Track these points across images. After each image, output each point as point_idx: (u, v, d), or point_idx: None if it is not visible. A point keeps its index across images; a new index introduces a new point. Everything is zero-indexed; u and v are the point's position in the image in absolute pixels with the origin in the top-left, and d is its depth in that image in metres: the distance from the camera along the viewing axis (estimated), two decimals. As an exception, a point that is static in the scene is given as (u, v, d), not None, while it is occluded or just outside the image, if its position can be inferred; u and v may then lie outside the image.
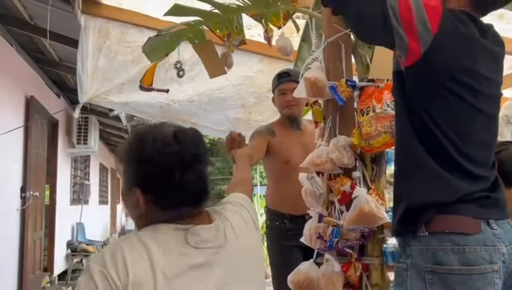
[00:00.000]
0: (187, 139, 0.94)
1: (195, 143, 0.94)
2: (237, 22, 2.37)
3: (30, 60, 4.48)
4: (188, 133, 0.96)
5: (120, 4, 3.02)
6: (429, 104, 1.13)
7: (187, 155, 0.92)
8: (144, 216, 0.95)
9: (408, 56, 1.11)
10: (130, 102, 3.27)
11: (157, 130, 0.96)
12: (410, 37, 1.09)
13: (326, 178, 1.66)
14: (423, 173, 1.14)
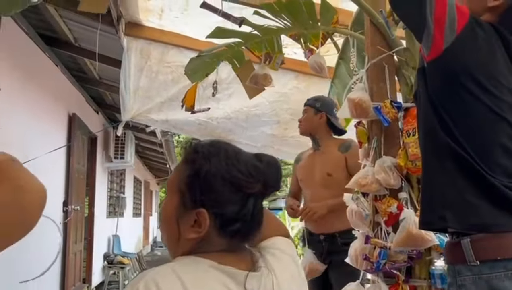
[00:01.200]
0: (274, 164, 0.86)
1: (279, 169, 0.87)
2: (276, 42, 2.42)
3: (72, 79, 4.68)
4: (272, 158, 0.88)
5: (161, 26, 3.14)
6: (447, 102, 1.16)
7: (273, 181, 0.84)
8: (193, 241, 0.82)
9: (431, 50, 1.15)
10: (170, 120, 3.37)
11: (235, 150, 0.86)
12: (437, 30, 1.13)
13: (372, 199, 1.66)
14: (458, 169, 1.13)
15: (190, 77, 2.60)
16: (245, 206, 0.82)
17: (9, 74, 3.20)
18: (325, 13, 2.04)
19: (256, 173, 0.82)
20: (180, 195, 0.84)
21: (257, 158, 0.85)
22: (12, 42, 3.19)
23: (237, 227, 0.82)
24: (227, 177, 0.81)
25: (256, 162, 0.84)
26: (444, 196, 1.14)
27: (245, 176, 0.82)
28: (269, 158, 0.87)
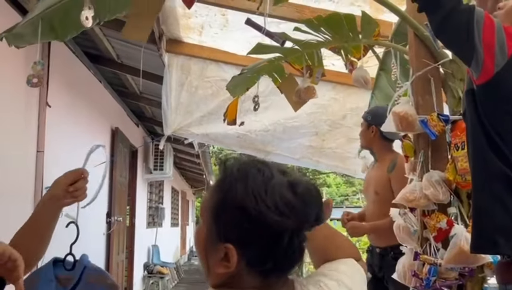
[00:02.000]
0: (312, 198, 0.73)
1: (319, 202, 0.74)
2: (316, 55, 2.43)
3: (114, 94, 4.86)
4: (310, 189, 0.74)
5: (201, 42, 3.22)
6: (498, 124, 1.15)
7: (310, 218, 0.72)
8: (223, 275, 0.74)
9: (481, 74, 1.15)
10: (210, 133, 3.43)
11: (265, 177, 0.73)
12: (487, 55, 1.13)
13: (420, 214, 1.63)
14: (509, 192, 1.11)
15: (231, 92, 2.66)
16: (277, 244, 0.70)
17: (58, 91, 3.36)
18: (366, 26, 2.04)
19: (287, 210, 0.70)
20: (207, 225, 0.75)
21: (292, 188, 0.71)
22: (60, 61, 3.35)
23: (269, 267, 0.72)
24: (253, 213, 0.70)
25: (288, 195, 0.70)
26: (495, 220, 1.13)
27: (274, 213, 0.69)
28: (306, 189, 0.73)
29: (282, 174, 0.75)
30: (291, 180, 0.73)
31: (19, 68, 2.76)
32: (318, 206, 0.74)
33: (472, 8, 1.21)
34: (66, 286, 1.33)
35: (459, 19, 1.19)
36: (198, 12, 2.73)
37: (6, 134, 2.67)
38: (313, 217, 0.73)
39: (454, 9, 1.21)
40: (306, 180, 0.77)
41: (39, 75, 1.90)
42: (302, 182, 0.75)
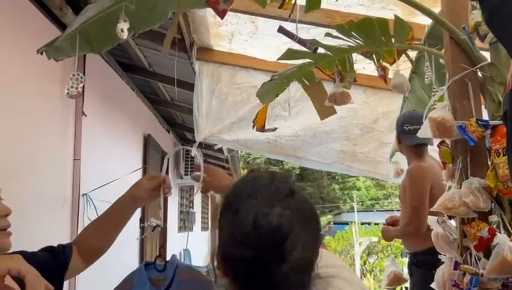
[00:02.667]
0: (270, 232, 0.71)
1: (280, 237, 0.71)
2: (348, 60, 2.40)
3: (146, 101, 4.96)
4: (273, 225, 0.71)
5: (230, 49, 3.25)
6: None
7: (266, 250, 0.71)
8: (228, 285, 0.79)
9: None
10: (240, 139, 3.45)
11: (240, 203, 0.75)
12: None
13: (459, 222, 1.59)
14: None
15: (261, 99, 2.66)
16: (247, 273, 0.73)
17: (93, 100, 3.46)
18: (399, 29, 2.01)
19: (245, 241, 0.72)
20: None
21: (255, 220, 0.71)
22: (95, 71, 3.45)
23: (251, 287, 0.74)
24: (227, 234, 0.75)
25: (249, 230, 0.71)
26: None
27: (234, 242, 0.73)
28: (268, 222, 0.71)
29: (271, 200, 0.74)
30: (260, 212, 0.72)
31: (56, 79, 2.87)
32: (277, 239, 0.71)
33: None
34: (160, 286, 1.40)
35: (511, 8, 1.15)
36: (229, 21, 2.75)
37: (44, 143, 2.77)
38: (271, 250, 0.71)
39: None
40: (273, 219, 0.73)
41: (77, 87, 1.96)
42: (270, 219, 0.72)
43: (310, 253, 0.75)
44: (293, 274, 0.72)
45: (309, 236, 0.75)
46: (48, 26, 2.74)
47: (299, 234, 0.72)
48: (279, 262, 0.71)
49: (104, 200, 3.42)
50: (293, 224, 0.72)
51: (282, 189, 0.77)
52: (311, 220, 0.78)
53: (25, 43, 2.44)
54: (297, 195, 0.78)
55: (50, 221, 2.83)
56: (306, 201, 0.80)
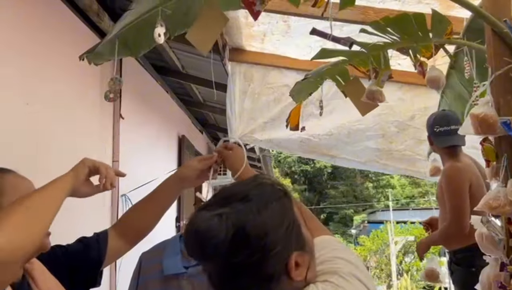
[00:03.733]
0: (187, 239, 0.76)
1: (194, 244, 0.75)
2: (383, 57, 2.36)
3: (180, 103, 5.05)
4: (190, 230, 0.75)
5: (262, 49, 3.26)
6: None
7: (190, 255, 0.80)
8: None
9: None
10: (273, 139, 3.46)
11: (195, 218, 0.77)
12: None
13: (505, 222, 1.53)
14: None
15: (294, 98, 2.66)
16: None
17: (130, 103, 3.55)
18: (437, 24, 1.95)
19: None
20: None
21: (188, 226, 0.76)
22: (131, 74, 3.54)
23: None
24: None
25: (184, 236, 0.77)
26: None
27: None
28: (188, 228, 0.76)
29: (212, 204, 0.77)
30: (191, 221, 0.75)
31: (95, 83, 2.96)
32: (188, 243, 0.75)
33: None
34: (190, 260, 1.41)
35: None
36: (261, 21, 2.76)
37: (84, 145, 2.87)
38: (192, 252, 0.76)
39: None
40: (193, 232, 0.74)
41: (115, 90, 2.02)
42: (191, 233, 0.74)
43: (247, 257, 0.71)
44: (219, 275, 0.73)
45: (248, 241, 0.71)
46: (86, 32, 2.84)
47: (226, 238, 0.70)
48: (204, 263, 0.74)
49: (141, 200, 3.53)
50: (218, 229, 0.71)
51: (236, 194, 0.76)
52: (258, 225, 0.73)
53: (64, 48, 2.54)
54: (251, 201, 0.74)
55: (91, 220, 2.93)
56: (261, 207, 0.74)
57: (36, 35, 2.28)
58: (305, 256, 0.75)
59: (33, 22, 2.26)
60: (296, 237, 0.76)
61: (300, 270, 0.74)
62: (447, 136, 2.63)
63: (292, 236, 0.75)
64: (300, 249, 0.75)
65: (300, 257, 0.74)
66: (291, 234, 0.75)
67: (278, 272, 0.72)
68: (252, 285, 0.72)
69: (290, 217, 0.76)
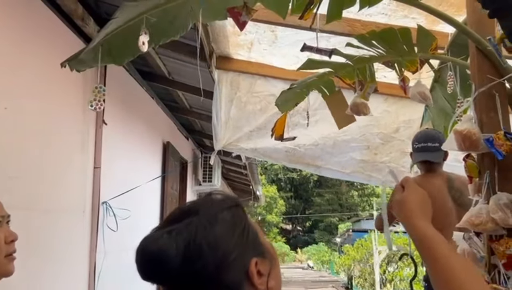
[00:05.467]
0: (136, 258, 0.72)
1: (143, 264, 0.72)
2: (369, 70, 2.37)
3: (166, 109, 5.00)
4: (138, 251, 0.72)
5: (249, 58, 3.25)
6: None
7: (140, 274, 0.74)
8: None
9: None
10: (259, 148, 3.44)
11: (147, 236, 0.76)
12: None
13: (487, 239, 1.53)
14: None
15: (280, 108, 2.65)
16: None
17: (114, 109, 3.50)
18: (422, 39, 1.96)
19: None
20: None
21: (137, 249, 0.74)
22: (115, 79, 3.50)
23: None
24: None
25: (135, 260, 0.73)
26: None
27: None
28: (139, 263, 0.72)
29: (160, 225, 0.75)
30: (141, 243, 0.73)
31: (78, 88, 2.91)
32: (141, 266, 0.72)
33: None
34: None
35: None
36: (248, 30, 2.75)
37: (65, 152, 2.81)
38: (147, 280, 0.72)
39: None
40: (146, 248, 0.73)
41: (100, 100, 1.99)
42: (143, 248, 0.72)
43: (202, 268, 0.70)
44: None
45: (200, 251, 0.70)
46: (70, 37, 2.79)
47: (177, 253, 0.69)
48: (161, 283, 0.72)
49: (123, 208, 3.47)
50: (168, 245, 0.70)
51: (186, 210, 0.75)
52: (209, 235, 0.72)
53: (47, 53, 2.49)
54: (200, 214, 0.73)
55: (70, 228, 2.86)
56: (211, 218, 0.73)
57: (17, 38, 2.23)
58: (266, 263, 0.74)
59: (13, 25, 2.21)
60: (253, 244, 0.74)
61: (263, 279, 0.72)
62: (420, 152, 2.75)
63: (247, 243, 0.74)
64: (260, 255, 0.74)
65: (261, 264, 0.73)
66: (246, 241, 0.73)
67: (239, 280, 0.71)
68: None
69: (242, 225, 0.75)
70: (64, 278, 2.73)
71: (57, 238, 2.67)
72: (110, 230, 3.27)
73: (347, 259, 11.90)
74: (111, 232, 3.27)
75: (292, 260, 24.29)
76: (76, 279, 2.93)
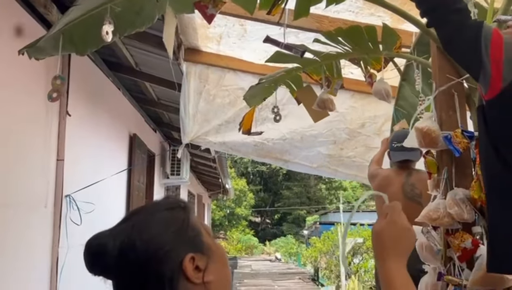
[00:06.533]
0: (84, 253, 0.79)
1: (87, 260, 0.79)
2: (336, 66, 2.40)
3: (133, 100, 4.90)
4: (90, 247, 0.79)
5: (219, 51, 3.22)
6: (506, 140, 1.16)
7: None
8: None
9: (489, 90, 1.16)
10: (227, 142, 3.43)
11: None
12: (495, 70, 1.14)
13: (444, 233, 1.60)
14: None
15: (248, 102, 2.65)
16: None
17: (78, 99, 3.40)
18: (387, 38, 2.01)
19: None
20: None
21: (85, 244, 0.80)
22: (80, 69, 3.40)
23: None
24: None
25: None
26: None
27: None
28: (85, 258, 0.79)
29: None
30: (90, 238, 0.80)
31: (40, 78, 2.81)
32: (85, 259, 0.79)
33: (480, 23, 1.22)
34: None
35: (467, 35, 1.20)
36: (217, 23, 2.73)
37: (27, 144, 2.71)
38: (91, 272, 0.79)
39: (462, 25, 1.23)
40: (94, 242, 0.80)
41: (59, 89, 1.92)
42: (92, 242, 0.80)
43: (136, 260, 0.77)
44: (118, 285, 0.79)
45: (134, 244, 0.77)
46: (32, 24, 2.68)
47: (114, 246, 0.77)
48: (104, 275, 0.79)
49: (87, 201, 3.39)
50: (107, 239, 0.78)
51: (134, 211, 0.84)
52: (143, 229, 0.79)
53: (8, 41, 2.38)
54: (141, 213, 0.82)
55: (32, 221, 2.77)
56: (149, 215, 0.81)
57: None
58: (203, 259, 0.79)
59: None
60: (192, 241, 0.80)
61: (200, 274, 0.78)
62: (400, 151, 2.79)
63: (183, 240, 0.79)
64: (198, 252, 0.80)
65: (198, 260, 0.78)
66: (182, 238, 0.79)
67: (172, 272, 0.77)
68: (150, 289, 0.77)
69: (179, 224, 0.81)
70: (25, 274, 2.65)
71: (18, 233, 2.59)
72: (74, 224, 3.19)
73: (314, 251, 12.09)
74: (74, 226, 3.20)
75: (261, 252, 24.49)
76: (37, 275, 2.85)
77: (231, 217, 27.28)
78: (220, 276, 0.82)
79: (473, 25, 1.20)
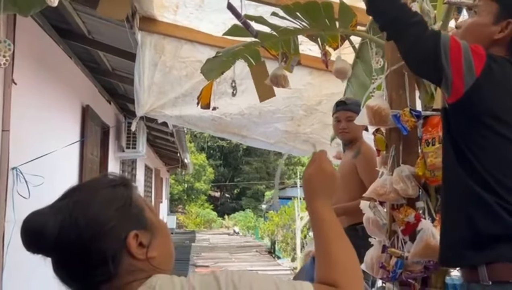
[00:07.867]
0: (22, 236, 0.77)
1: (24, 234, 0.77)
2: (293, 42, 2.39)
3: (85, 70, 4.69)
4: (26, 223, 0.77)
5: (175, 21, 3.12)
6: (468, 141, 1.21)
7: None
8: None
9: (452, 93, 1.20)
10: (184, 115, 3.37)
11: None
12: (456, 76, 1.19)
13: (389, 207, 1.66)
14: (477, 207, 1.18)
15: (206, 76, 2.60)
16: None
17: (25, 67, 3.21)
18: (343, 15, 2.01)
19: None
20: None
21: (22, 221, 0.78)
22: (27, 35, 3.20)
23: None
24: None
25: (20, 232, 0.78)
26: (463, 235, 1.19)
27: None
28: (22, 235, 0.77)
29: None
30: (27, 215, 0.79)
31: (-18, 43, 2.62)
32: (22, 237, 0.77)
33: (438, 32, 1.28)
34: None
35: (426, 44, 1.25)
36: (173, -9, 2.63)
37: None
38: (29, 250, 0.78)
39: (420, 36, 1.27)
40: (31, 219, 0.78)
41: (5, 55, 1.81)
42: (30, 215, 0.79)
43: (77, 237, 0.75)
44: (57, 263, 0.78)
45: (76, 222, 0.76)
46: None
47: (55, 223, 0.75)
48: (43, 253, 0.78)
49: (37, 174, 3.25)
50: (47, 217, 0.77)
51: (74, 188, 0.82)
52: (85, 206, 0.78)
53: None
54: (82, 190, 0.81)
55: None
56: (91, 193, 0.80)
57: None
58: (147, 235, 0.80)
59: None
60: (135, 218, 0.80)
61: (143, 250, 0.78)
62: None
63: (127, 217, 0.79)
64: (142, 228, 0.79)
65: (142, 236, 0.79)
66: (125, 215, 0.79)
67: (115, 249, 0.76)
68: (93, 266, 0.76)
69: (122, 201, 0.80)
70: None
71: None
72: (22, 198, 3.07)
73: (271, 225, 12.34)
74: (22, 200, 3.07)
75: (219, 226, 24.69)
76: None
77: (190, 191, 27.17)
78: (163, 251, 0.83)
79: (431, 35, 1.25)
